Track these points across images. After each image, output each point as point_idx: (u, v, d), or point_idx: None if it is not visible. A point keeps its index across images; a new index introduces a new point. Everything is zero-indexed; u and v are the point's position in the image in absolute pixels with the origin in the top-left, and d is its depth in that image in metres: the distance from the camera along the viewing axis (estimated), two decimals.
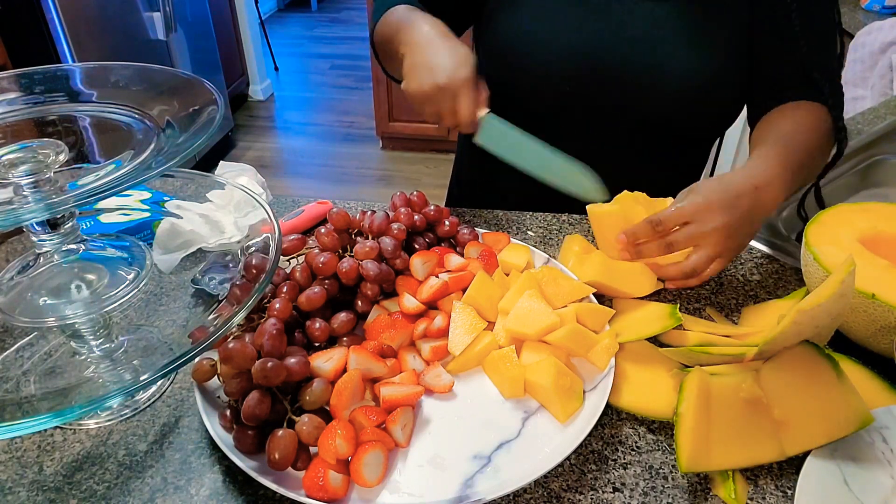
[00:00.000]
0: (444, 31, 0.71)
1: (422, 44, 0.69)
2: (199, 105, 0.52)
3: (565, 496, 0.50)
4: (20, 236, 0.64)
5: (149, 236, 0.70)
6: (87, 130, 0.55)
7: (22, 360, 0.57)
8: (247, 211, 0.69)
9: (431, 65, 0.67)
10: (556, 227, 0.82)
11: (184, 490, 0.50)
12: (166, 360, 0.45)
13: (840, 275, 0.51)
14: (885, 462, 0.50)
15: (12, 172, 0.46)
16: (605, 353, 0.57)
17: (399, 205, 0.69)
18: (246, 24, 3.37)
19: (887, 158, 1.05)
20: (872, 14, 1.74)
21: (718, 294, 0.71)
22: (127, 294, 0.52)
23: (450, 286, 0.62)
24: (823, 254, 0.62)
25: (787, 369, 0.54)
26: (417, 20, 0.72)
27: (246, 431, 0.49)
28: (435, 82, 0.66)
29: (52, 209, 0.44)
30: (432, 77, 0.67)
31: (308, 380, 0.52)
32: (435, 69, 0.67)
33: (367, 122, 3.33)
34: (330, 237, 0.62)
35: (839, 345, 0.64)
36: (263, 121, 3.49)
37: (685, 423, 0.51)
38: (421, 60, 0.68)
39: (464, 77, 0.66)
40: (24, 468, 0.52)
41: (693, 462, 0.50)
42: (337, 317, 0.59)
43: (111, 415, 0.56)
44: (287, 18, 5.15)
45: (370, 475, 0.48)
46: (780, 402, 0.53)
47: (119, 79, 0.60)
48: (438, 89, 0.67)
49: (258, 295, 0.50)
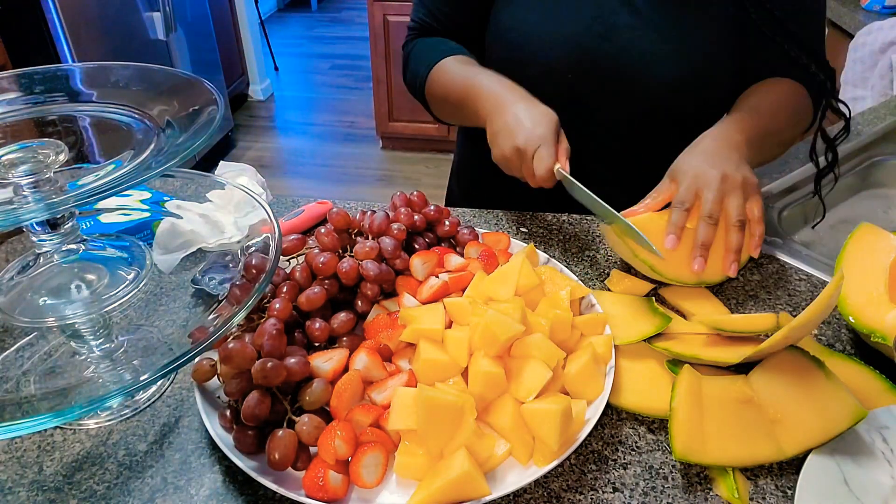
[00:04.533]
0: (519, 92, 0.73)
1: (498, 109, 0.72)
2: (199, 105, 0.52)
3: (565, 496, 0.50)
4: (20, 236, 0.64)
5: (149, 236, 0.70)
6: (87, 130, 0.55)
7: (22, 360, 0.57)
8: (247, 211, 0.69)
9: (509, 129, 0.69)
10: (556, 227, 0.82)
11: (184, 490, 0.50)
12: (166, 360, 0.45)
13: (830, 290, 0.52)
14: (885, 462, 0.50)
15: (12, 172, 0.46)
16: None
17: (399, 205, 0.69)
18: (246, 24, 3.37)
19: (887, 159, 1.05)
20: (872, 14, 1.74)
21: (718, 294, 0.71)
22: (127, 294, 0.52)
23: (450, 286, 0.62)
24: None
25: (776, 372, 0.55)
26: (484, 81, 0.75)
27: (246, 431, 0.49)
28: (514, 145, 0.68)
29: (52, 209, 0.44)
30: (511, 140, 0.69)
31: (308, 380, 0.52)
32: (513, 132, 0.69)
33: (367, 122, 3.33)
34: (330, 237, 0.62)
35: (839, 345, 0.64)
36: (263, 121, 3.49)
37: (678, 416, 0.51)
38: (499, 127, 0.71)
39: (540, 135, 0.68)
40: (24, 468, 0.52)
41: (687, 450, 0.50)
42: (337, 317, 0.59)
43: (111, 415, 0.56)
44: (287, 18, 5.14)
45: (369, 476, 0.48)
46: (772, 402, 0.53)
47: (119, 79, 0.60)
48: (517, 151, 0.69)
49: (258, 295, 0.50)
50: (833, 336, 0.66)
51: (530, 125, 0.68)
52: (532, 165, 0.68)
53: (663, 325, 0.61)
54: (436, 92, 0.83)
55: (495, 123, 0.72)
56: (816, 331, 0.67)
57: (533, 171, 0.68)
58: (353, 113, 3.55)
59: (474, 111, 0.76)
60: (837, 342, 0.65)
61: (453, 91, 0.79)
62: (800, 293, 0.72)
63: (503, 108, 0.71)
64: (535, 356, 0.53)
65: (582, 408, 0.53)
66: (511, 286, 0.59)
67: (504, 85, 0.74)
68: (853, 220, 0.83)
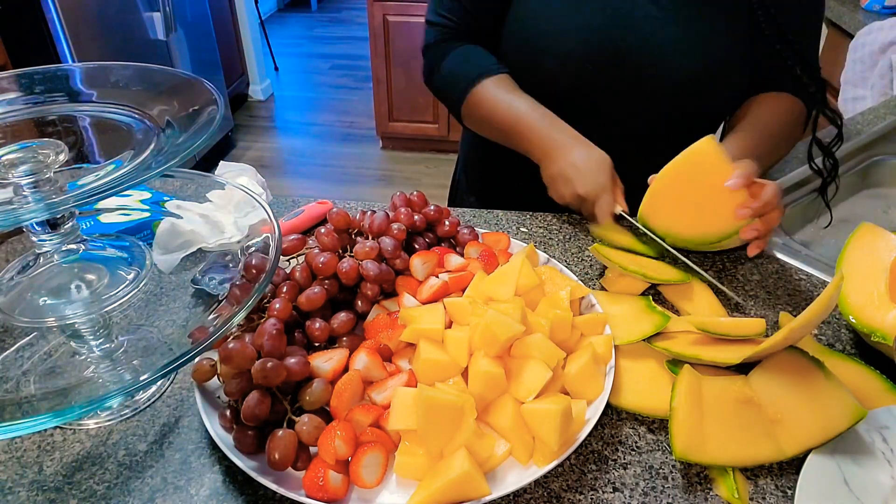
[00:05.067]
0: (570, 134, 0.77)
1: (553, 154, 0.76)
2: (199, 105, 0.52)
3: (565, 496, 0.50)
4: (20, 236, 0.64)
5: (149, 236, 0.70)
6: (87, 130, 0.55)
7: (22, 360, 0.57)
8: (247, 211, 0.69)
9: (568, 176, 0.74)
10: (556, 227, 0.82)
11: (184, 490, 0.50)
12: (166, 360, 0.45)
13: (830, 290, 0.52)
14: (885, 462, 0.50)
15: (12, 172, 0.46)
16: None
17: (399, 205, 0.69)
18: (246, 24, 3.37)
19: (887, 159, 1.05)
20: (872, 14, 1.74)
21: (719, 294, 0.71)
22: (127, 294, 0.52)
23: (450, 286, 0.62)
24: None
25: (776, 372, 0.55)
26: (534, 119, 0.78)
27: (246, 431, 0.49)
28: (575, 193, 0.74)
29: (52, 209, 0.44)
30: (572, 188, 0.74)
31: (308, 380, 0.52)
32: (572, 181, 0.74)
33: (367, 122, 3.33)
34: (330, 237, 0.62)
35: (840, 345, 0.64)
36: (263, 121, 3.49)
37: (678, 416, 0.51)
38: (557, 172, 0.75)
39: (601, 184, 0.72)
40: (24, 468, 0.52)
41: (687, 450, 0.50)
42: (337, 317, 0.59)
43: (111, 415, 0.56)
44: (287, 18, 5.14)
45: (369, 477, 0.48)
46: (771, 402, 0.53)
47: (119, 79, 0.60)
48: (578, 198, 0.74)
49: (258, 295, 0.50)
50: (833, 336, 0.66)
51: (590, 175, 0.73)
52: (592, 211, 0.73)
53: (662, 323, 0.61)
54: (475, 114, 0.84)
55: (552, 168, 0.76)
56: (816, 331, 0.67)
57: (593, 214, 0.73)
58: (353, 113, 3.55)
59: (524, 148, 0.80)
60: (837, 342, 0.65)
61: (498, 120, 0.81)
62: (800, 293, 0.72)
63: (559, 154, 0.75)
64: (535, 356, 0.53)
65: (582, 408, 0.53)
66: (511, 286, 0.59)
67: (555, 126, 0.77)
68: (853, 220, 0.83)
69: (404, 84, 2.84)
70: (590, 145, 0.75)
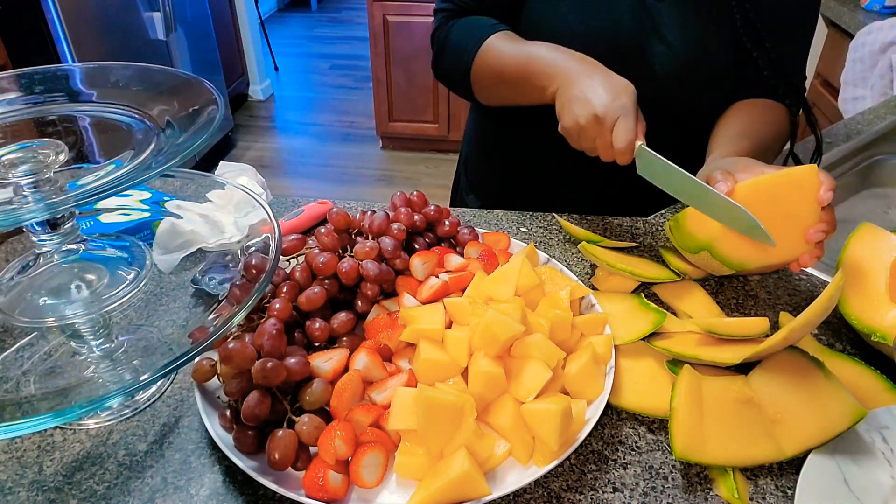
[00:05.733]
0: (593, 62, 0.70)
1: (571, 79, 0.68)
2: (199, 105, 0.52)
3: (565, 496, 0.50)
4: (20, 236, 0.64)
5: (149, 236, 0.70)
6: (87, 130, 0.55)
7: (22, 360, 0.57)
8: (247, 211, 0.69)
9: (586, 97, 0.66)
10: (556, 226, 0.82)
11: (184, 490, 0.50)
12: (166, 360, 0.45)
13: (831, 290, 0.52)
14: (885, 462, 0.50)
15: (12, 172, 0.46)
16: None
17: (399, 205, 0.69)
18: (246, 24, 3.37)
19: (887, 158, 1.05)
20: (872, 14, 1.74)
21: (718, 294, 0.71)
22: (127, 294, 0.52)
23: (450, 286, 0.62)
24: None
25: (776, 373, 0.55)
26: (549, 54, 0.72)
27: (246, 431, 0.49)
28: (592, 112, 0.65)
29: (52, 209, 0.44)
30: (589, 108, 0.65)
31: (308, 380, 0.52)
32: (590, 101, 0.65)
33: (367, 122, 3.33)
34: (330, 237, 0.62)
35: (839, 345, 0.64)
36: (263, 121, 3.49)
37: (678, 416, 0.51)
38: (574, 95, 0.67)
39: (622, 105, 0.65)
40: (24, 468, 0.52)
41: (687, 450, 0.50)
42: (337, 317, 0.59)
43: (111, 415, 0.56)
44: (287, 18, 5.14)
45: (369, 476, 0.48)
46: (771, 402, 0.53)
47: (119, 79, 0.60)
48: (595, 120, 0.65)
49: (258, 295, 0.50)
50: (833, 336, 0.66)
51: (611, 94, 0.65)
52: (609, 136, 0.65)
53: (660, 320, 0.61)
54: (485, 72, 0.79)
55: (568, 92, 0.68)
56: (816, 331, 0.67)
57: (610, 141, 0.65)
58: (353, 113, 3.55)
59: (538, 86, 0.73)
60: (837, 342, 0.65)
61: (510, 67, 0.75)
62: (800, 293, 0.72)
63: (578, 77, 0.68)
64: (535, 356, 0.53)
65: (582, 408, 0.53)
66: (511, 286, 0.59)
67: (574, 56, 0.71)
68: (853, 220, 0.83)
69: (404, 84, 2.85)
70: (614, 73, 0.68)
